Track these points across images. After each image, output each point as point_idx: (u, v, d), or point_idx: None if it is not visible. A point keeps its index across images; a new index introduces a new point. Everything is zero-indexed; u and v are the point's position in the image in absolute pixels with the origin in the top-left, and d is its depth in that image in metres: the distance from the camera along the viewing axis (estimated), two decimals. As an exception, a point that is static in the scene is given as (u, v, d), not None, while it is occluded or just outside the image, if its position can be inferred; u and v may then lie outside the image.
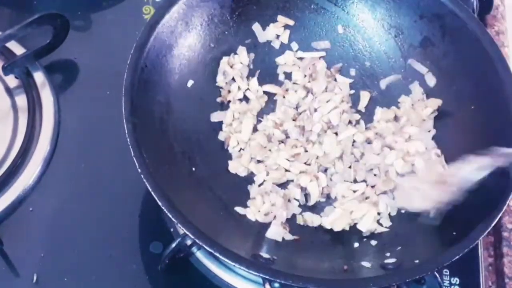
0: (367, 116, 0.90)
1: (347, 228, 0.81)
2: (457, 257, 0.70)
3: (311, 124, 0.87)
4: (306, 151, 0.86)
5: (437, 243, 0.75)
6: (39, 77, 0.93)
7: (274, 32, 0.93)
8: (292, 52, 0.94)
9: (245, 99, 0.90)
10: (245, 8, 0.92)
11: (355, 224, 0.81)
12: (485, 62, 0.84)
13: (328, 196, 0.85)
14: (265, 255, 0.75)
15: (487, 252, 0.89)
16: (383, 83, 0.92)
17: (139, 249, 0.83)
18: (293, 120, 0.89)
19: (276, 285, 0.71)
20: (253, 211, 0.81)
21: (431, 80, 0.90)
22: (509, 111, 0.80)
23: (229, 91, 0.90)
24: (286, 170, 0.85)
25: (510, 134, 0.79)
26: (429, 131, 0.87)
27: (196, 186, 0.81)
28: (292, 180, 0.85)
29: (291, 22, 0.94)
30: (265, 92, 0.91)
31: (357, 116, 0.90)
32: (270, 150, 0.86)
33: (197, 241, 0.70)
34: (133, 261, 0.82)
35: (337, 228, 0.81)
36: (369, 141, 0.87)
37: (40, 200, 0.85)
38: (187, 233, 0.70)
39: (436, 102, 0.88)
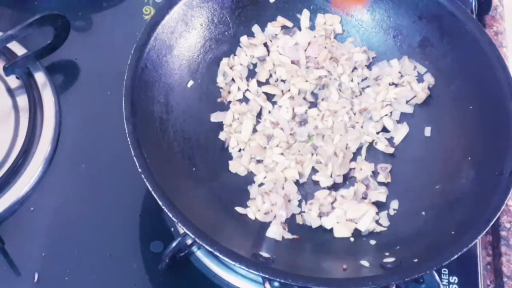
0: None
1: (349, 235, 0.81)
2: (456, 256, 0.71)
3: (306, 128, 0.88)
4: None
5: (436, 242, 0.75)
6: (40, 77, 0.94)
7: (273, 31, 0.93)
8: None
9: (245, 99, 0.91)
10: (244, 9, 0.92)
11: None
12: (483, 62, 0.84)
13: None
14: (265, 254, 0.75)
15: (485, 251, 0.89)
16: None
17: (140, 249, 0.83)
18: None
19: (276, 284, 0.72)
20: (253, 211, 0.81)
21: (429, 81, 0.90)
22: (507, 111, 0.80)
23: (229, 92, 0.90)
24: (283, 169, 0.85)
25: (508, 134, 0.79)
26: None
27: (196, 186, 0.81)
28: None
29: (289, 24, 0.94)
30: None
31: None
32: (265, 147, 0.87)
33: (197, 240, 0.70)
34: (134, 261, 0.82)
35: (339, 235, 0.81)
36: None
37: (41, 200, 0.85)
38: (187, 232, 0.71)
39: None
